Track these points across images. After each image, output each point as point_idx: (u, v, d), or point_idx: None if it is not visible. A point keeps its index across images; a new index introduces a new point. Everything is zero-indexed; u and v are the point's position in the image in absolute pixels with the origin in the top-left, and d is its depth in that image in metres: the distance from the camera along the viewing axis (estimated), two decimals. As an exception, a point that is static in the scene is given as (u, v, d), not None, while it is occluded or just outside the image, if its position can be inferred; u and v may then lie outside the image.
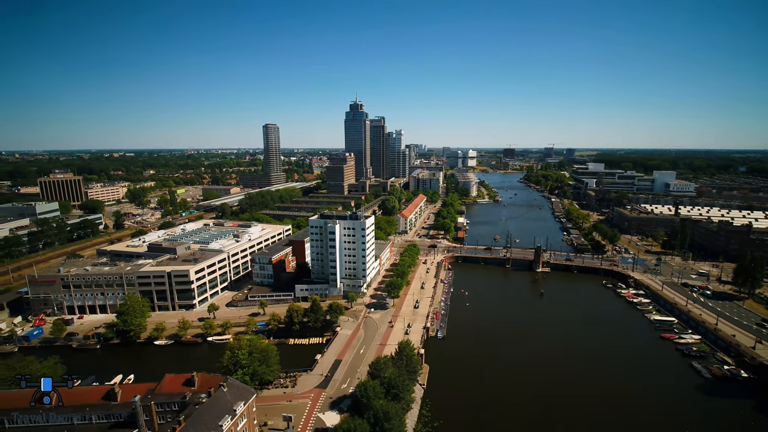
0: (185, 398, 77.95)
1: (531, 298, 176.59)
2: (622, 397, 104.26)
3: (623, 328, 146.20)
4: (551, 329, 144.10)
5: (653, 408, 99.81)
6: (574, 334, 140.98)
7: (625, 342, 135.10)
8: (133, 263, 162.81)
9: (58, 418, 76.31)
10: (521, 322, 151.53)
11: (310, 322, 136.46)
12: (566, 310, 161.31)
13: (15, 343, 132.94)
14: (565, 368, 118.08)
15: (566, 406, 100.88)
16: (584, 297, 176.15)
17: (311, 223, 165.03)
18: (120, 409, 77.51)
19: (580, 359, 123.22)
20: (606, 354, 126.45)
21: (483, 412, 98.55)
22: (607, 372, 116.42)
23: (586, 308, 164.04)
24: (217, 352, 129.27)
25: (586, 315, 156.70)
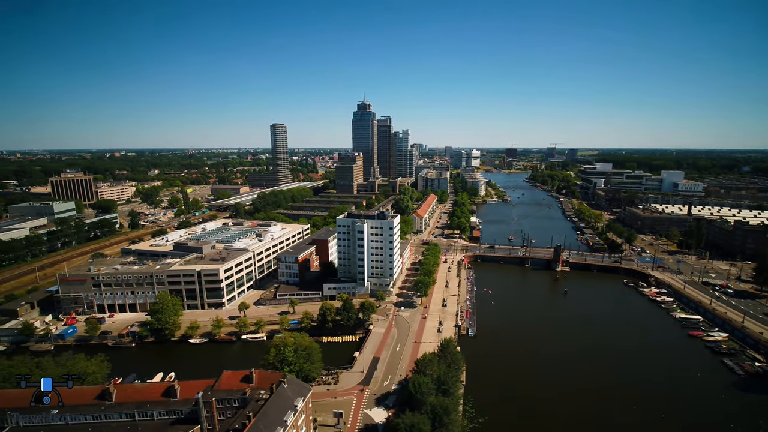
0: (245, 394, 79.17)
1: (555, 297, 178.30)
2: (658, 391, 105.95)
3: (650, 325, 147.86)
4: (579, 326, 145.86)
5: (690, 402, 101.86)
6: (603, 331, 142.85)
7: (655, 339, 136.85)
8: (161, 262, 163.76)
9: (121, 414, 77.55)
10: (548, 319, 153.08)
11: (342, 321, 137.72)
12: (592, 308, 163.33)
13: (51, 341, 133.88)
14: (599, 364, 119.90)
15: (604, 400, 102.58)
16: (607, 295, 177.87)
17: (339, 222, 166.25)
18: (180, 406, 78.68)
19: (613, 355, 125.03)
20: (637, 350, 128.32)
21: (524, 408, 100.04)
22: (641, 367, 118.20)
23: (610, 306, 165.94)
24: (251, 350, 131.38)
25: (612, 313, 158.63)
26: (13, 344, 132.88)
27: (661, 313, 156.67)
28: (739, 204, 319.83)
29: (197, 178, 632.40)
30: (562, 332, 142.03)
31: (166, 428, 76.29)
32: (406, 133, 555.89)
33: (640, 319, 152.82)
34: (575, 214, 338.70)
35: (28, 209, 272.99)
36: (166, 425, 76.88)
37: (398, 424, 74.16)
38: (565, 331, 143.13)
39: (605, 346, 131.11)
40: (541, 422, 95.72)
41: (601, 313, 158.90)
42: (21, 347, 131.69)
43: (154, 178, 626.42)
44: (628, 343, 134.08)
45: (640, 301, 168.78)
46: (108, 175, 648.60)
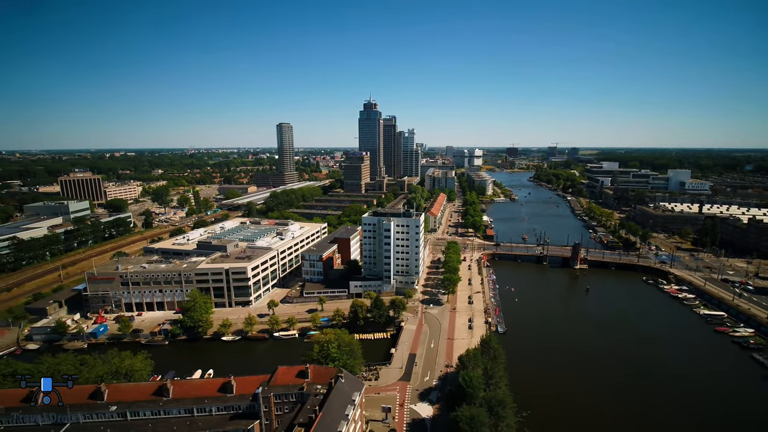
0: (302, 389, 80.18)
1: (577, 294, 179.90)
2: (691, 385, 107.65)
3: (675, 322, 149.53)
4: (605, 322, 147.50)
5: (723, 395, 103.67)
6: (629, 327, 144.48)
7: (682, 335, 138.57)
8: (188, 260, 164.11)
9: (179, 410, 78.30)
10: (574, 316, 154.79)
11: (374, 318, 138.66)
12: (615, 305, 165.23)
13: (84, 339, 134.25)
14: (630, 359, 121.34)
15: (640, 394, 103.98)
16: (629, 293, 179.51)
17: (364, 220, 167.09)
18: (237, 401, 79.65)
19: (642, 351, 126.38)
20: (666, 346, 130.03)
21: (563, 401, 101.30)
22: (673, 362, 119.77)
23: (633, 303, 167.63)
24: (284, 347, 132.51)
25: (635, 309, 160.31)
26: (46, 342, 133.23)
27: (684, 310, 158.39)
28: (747, 203, 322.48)
29: (201, 178, 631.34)
30: (589, 328, 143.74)
31: (224, 423, 77.18)
32: (411, 132, 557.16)
33: (665, 316, 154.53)
34: (585, 213, 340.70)
35: (43, 209, 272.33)
36: (224, 420, 77.78)
37: (458, 416, 75.22)
38: (591, 327, 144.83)
39: (633, 342, 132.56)
40: (582, 416, 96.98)
41: (625, 309, 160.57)
42: (53, 345, 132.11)
43: (159, 178, 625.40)
44: (655, 338, 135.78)
45: (662, 298, 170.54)
46: (111, 174, 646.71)
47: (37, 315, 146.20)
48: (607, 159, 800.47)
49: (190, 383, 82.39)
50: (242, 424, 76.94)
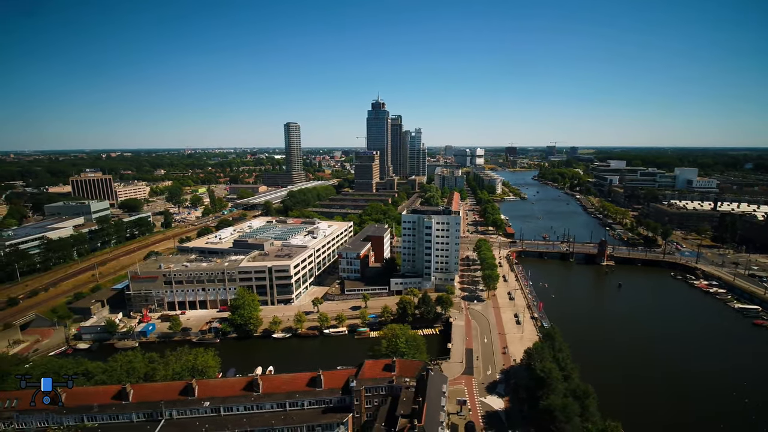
0: (392, 382, 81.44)
1: (610, 289, 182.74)
2: (741, 377, 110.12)
3: (713, 315, 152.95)
4: (644, 316, 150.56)
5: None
6: (669, 320, 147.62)
7: (722, 328, 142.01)
8: (229, 259, 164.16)
9: (272, 405, 79.19)
10: (612, 311, 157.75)
11: (423, 314, 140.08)
12: (650, 300, 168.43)
13: (134, 338, 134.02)
14: (676, 352, 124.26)
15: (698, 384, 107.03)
16: (660, 288, 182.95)
17: (404, 218, 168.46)
18: (327, 395, 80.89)
19: (687, 343, 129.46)
20: (709, 338, 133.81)
21: (626, 393, 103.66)
22: (720, 354, 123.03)
23: (667, 298, 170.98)
24: (335, 344, 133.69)
25: (670, 304, 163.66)
26: (96, 342, 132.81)
27: (718, 304, 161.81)
28: (756, 200, 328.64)
29: (206, 178, 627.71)
30: (630, 322, 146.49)
31: (318, 417, 78.38)
32: (418, 132, 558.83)
33: (701, 310, 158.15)
34: (599, 211, 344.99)
35: (64, 209, 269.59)
36: (317, 414, 78.97)
37: (550, 405, 77.16)
38: (631, 320, 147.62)
39: (676, 335, 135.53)
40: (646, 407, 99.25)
41: (661, 304, 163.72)
42: (104, 345, 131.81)
43: (162, 178, 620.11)
44: (698, 330, 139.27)
45: (694, 293, 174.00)
46: (114, 175, 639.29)
47: (80, 314, 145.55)
48: (605, 158, 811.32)
49: (279, 378, 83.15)
50: (336, 418, 78.24)
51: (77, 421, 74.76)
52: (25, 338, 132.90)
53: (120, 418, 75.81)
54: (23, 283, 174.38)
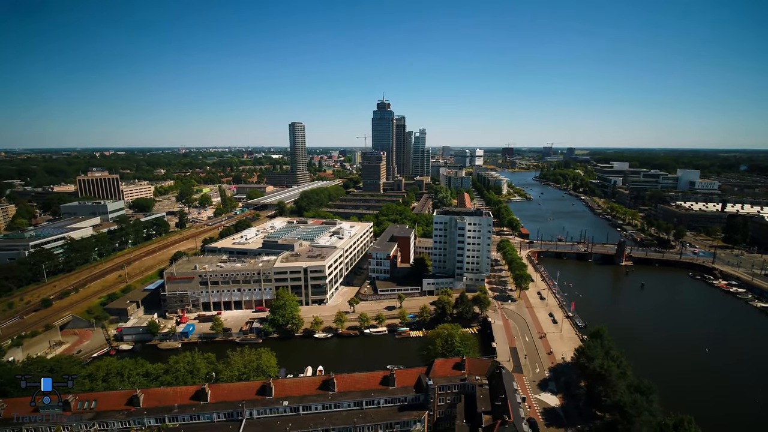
0: (464, 380, 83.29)
1: (633, 289, 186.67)
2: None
3: (737, 313, 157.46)
4: (671, 314, 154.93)
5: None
6: (695, 318, 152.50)
7: (749, 326, 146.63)
8: (262, 260, 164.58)
9: (349, 403, 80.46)
10: (640, 309, 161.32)
11: (459, 314, 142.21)
12: (673, 299, 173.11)
13: (176, 339, 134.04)
14: (715, 346, 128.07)
15: (736, 381, 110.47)
16: (681, 287, 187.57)
17: (436, 219, 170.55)
18: (401, 393, 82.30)
19: (716, 340, 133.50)
20: (738, 335, 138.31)
21: (669, 387, 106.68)
22: (753, 350, 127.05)
23: (689, 296, 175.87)
24: (376, 343, 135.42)
25: (693, 302, 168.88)
26: (138, 342, 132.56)
27: (740, 303, 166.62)
28: (758, 201, 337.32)
29: (208, 177, 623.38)
30: (659, 320, 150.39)
31: (395, 415, 79.77)
32: (423, 132, 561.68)
33: (724, 308, 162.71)
34: (607, 212, 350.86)
35: (80, 208, 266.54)
36: (393, 412, 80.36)
37: (619, 400, 79.94)
38: (660, 319, 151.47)
39: (705, 333, 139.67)
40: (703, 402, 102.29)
41: (685, 303, 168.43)
42: (146, 345, 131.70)
43: (163, 178, 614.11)
44: (727, 327, 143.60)
45: (714, 293, 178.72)
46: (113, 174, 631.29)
47: (116, 315, 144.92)
48: (600, 159, 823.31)
49: (351, 377, 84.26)
50: (412, 415, 79.70)
51: (159, 421, 75.21)
52: (64, 339, 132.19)
53: (201, 419, 76.46)
54: (50, 283, 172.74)
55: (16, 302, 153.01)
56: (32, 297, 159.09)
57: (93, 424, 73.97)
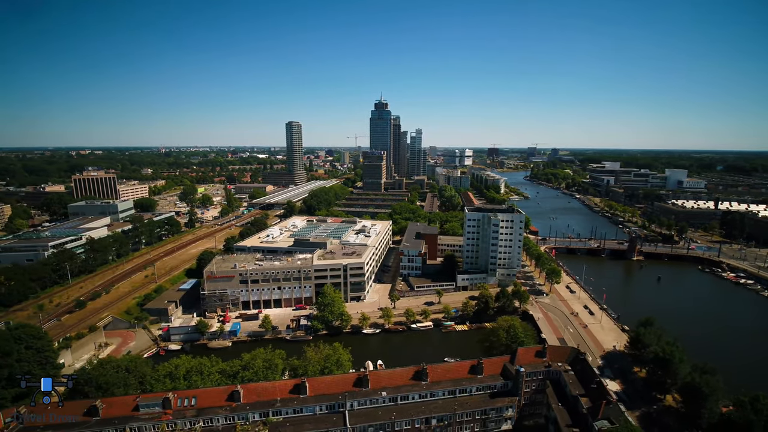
0: (548, 367, 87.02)
1: (650, 282, 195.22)
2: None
3: (751, 303, 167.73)
4: (691, 305, 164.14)
5: None
6: (715, 307, 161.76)
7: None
8: (298, 258, 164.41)
9: (443, 392, 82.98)
10: (662, 300, 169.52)
11: (500, 307, 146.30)
12: (691, 291, 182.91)
13: (226, 337, 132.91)
14: (736, 335, 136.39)
15: None
16: (694, 280, 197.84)
17: (469, 216, 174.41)
18: (490, 381, 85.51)
19: (741, 329, 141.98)
20: (762, 323, 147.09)
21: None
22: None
23: (704, 288, 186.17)
24: (423, 338, 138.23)
25: (709, 293, 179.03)
26: (187, 342, 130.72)
27: (751, 294, 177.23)
28: (744, 199, 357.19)
29: (200, 177, 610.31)
30: (684, 310, 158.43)
31: (487, 402, 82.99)
32: (419, 132, 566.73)
33: (738, 299, 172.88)
34: (606, 210, 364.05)
35: (88, 208, 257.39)
36: (486, 399, 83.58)
37: (693, 381, 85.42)
38: (685, 309, 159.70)
39: (728, 320, 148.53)
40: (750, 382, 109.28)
41: (700, 293, 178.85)
42: (195, 345, 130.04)
43: (151, 177, 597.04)
44: (748, 316, 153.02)
45: (726, 284, 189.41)
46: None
47: (156, 316, 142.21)
48: (584, 160, 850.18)
49: (441, 367, 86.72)
50: (504, 402, 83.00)
51: (262, 416, 75.59)
52: (108, 341, 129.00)
53: (304, 412, 77.28)
54: (75, 285, 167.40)
55: (46, 304, 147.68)
56: (61, 299, 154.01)
57: (197, 421, 73.75)
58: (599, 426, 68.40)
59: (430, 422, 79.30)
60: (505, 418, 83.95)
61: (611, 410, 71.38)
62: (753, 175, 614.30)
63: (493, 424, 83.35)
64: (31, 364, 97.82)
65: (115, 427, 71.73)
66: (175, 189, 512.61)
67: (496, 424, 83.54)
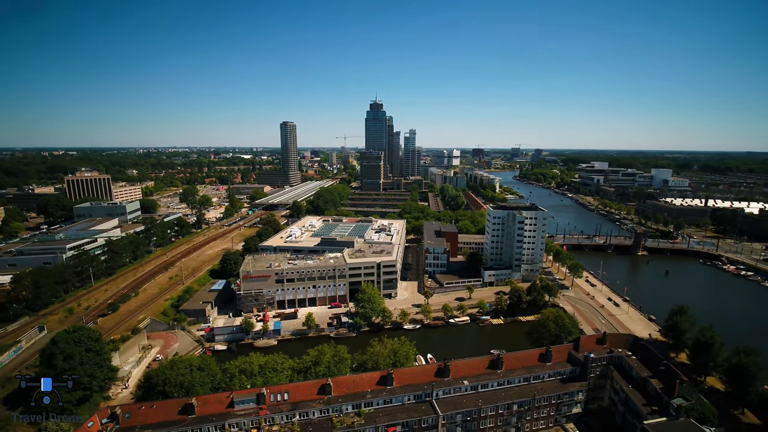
0: (611, 353, 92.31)
1: (659, 275, 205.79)
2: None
3: (756, 293, 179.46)
4: (705, 295, 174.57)
5: None
6: (727, 297, 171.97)
7: None
8: (329, 256, 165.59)
9: (519, 379, 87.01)
10: (677, 291, 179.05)
11: (530, 301, 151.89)
12: (697, 283, 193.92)
13: (270, 337, 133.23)
14: (753, 323, 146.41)
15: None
16: (699, 273, 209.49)
17: (494, 213, 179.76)
18: (560, 368, 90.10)
19: (758, 316, 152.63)
20: None
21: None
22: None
23: (710, 280, 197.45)
24: (461, 332, 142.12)
25: (716, 284, 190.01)
26: (232, 342, 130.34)
27: (752, 285, 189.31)
28: (727, 197, 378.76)
29: (190, 178, 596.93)
30: (692, 300, 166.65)
31: (559, 387, 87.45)
32: (413, 133, 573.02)
33: (743, 290, 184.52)
34: (600, 208, 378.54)
35: (95, 210, 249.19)
36: (557, 384, 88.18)
37: (740, 362, 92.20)
38: (692, 298, 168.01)
39: (742, 309, 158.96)
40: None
41: (706, 285, 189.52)
42: (240, 345, 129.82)
43: (137, 179, 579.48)
44: (756, 306, 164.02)
45: (727, 276, 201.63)
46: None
47: (194, 317, 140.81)
48: (567, 160, 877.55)
49: (513, 356, 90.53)
50: (576, 386, 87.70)
51: (355, 407, 77.47)
52: (151, 342, 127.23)
53: (393, 402, 79.62)
54: (100, 287, 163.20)
55: (75, 307, 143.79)
56: (88, 302, 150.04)
57: (294, 415, 74.97)
58: (677, 403, 73.66)
59: (511, 408, 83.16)
60: (576, 402, 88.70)
61: (684, 389, 76.84)
62: (728, 174, 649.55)
63: (566, 408, 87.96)
64: (92, 367, 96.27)
65: (214, 424, 72.16)
66: (166, 190, 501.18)
67: (568, 408, 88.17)
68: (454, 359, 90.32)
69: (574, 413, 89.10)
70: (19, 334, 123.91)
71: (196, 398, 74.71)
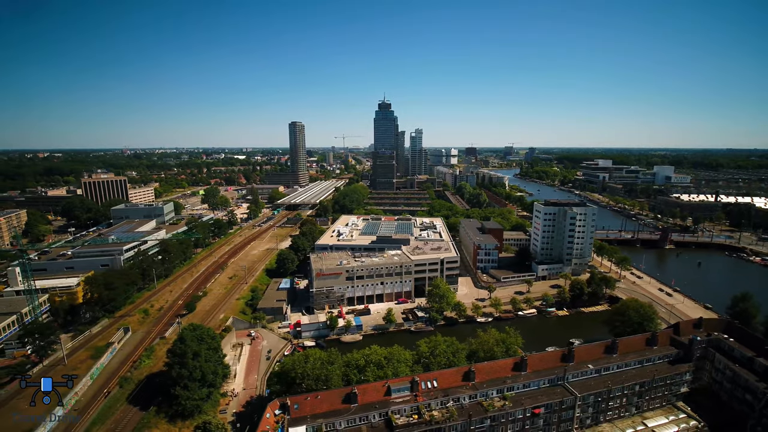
0: (710, 336, 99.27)
1: (692, 267, 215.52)
2: None
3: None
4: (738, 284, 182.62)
5: None
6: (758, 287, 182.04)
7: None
8: (393, 254, 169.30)
9: (631, 363, 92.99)
10: (713, 281, 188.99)
11: (595, 292, 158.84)
12: (729, 273, 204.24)
13: (355, 332, 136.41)
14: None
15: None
16: (728, 265, 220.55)
17: (544, 210, 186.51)
18: (664, 351, 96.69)
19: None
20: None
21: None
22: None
23: (739, 271, 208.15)
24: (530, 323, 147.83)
25: (746, 274, 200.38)
26: (319, 338, 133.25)
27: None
28: (729, 192, 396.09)
29: (197, 179, 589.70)
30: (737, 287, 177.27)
31: (669, 369, 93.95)
32: (419, 132, 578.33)
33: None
34: (613, 204, 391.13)
35: (132, 211, 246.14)
36: (667, 366, 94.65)
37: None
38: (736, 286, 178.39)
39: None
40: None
41: (740, 275, 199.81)
42: (327, 340, 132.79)
43: (140, 180, 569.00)
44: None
45: (754, 267, 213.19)
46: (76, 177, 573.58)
47: (272, 315, 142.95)
48: (561, 158, 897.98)
49: (623, 341, 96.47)
50: (684, 368, 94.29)
51: (499, 392, 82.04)
52: (239, 341, 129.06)
53: (531, 386, 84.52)
54: (165, 288, 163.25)
55: (148, 308, 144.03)
56: (159, 302, 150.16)
57: (448, 401, 79.03)
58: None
59: (633, 388, 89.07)
60: (684, 382, 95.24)
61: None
62: (719, 170, 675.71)
63: (676, 387, 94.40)
64: (214, 364, 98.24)
65: (378, 411, 75.72)
66: (173, 191, 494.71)
67: (678, 387, 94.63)
68: (577, 345, 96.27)
69: (683, 392, 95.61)
70: (107, 336, 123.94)
71: (357, 387, 78.05)
